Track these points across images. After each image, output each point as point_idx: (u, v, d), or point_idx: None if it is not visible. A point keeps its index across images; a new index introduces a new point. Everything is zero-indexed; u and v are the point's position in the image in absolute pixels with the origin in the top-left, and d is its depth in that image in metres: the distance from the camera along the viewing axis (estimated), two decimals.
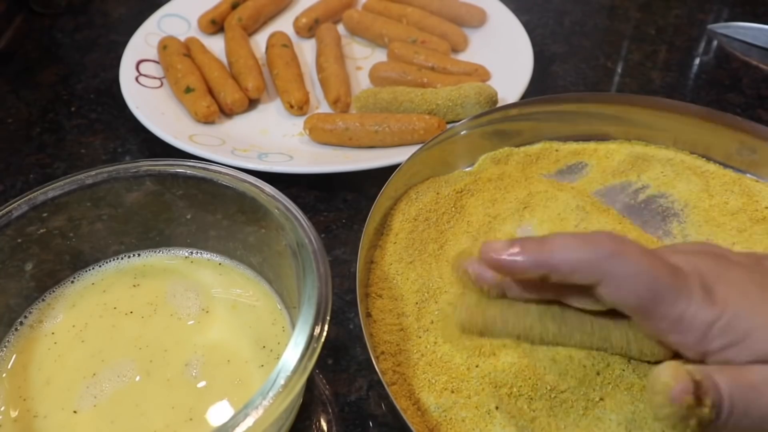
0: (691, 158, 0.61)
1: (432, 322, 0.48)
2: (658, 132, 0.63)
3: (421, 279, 0.51)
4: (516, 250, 0.36)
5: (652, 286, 0.35)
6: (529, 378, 0.43)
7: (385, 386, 0.42)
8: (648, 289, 0.35)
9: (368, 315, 0.49)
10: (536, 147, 0.63)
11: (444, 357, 0.45)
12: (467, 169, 0.61)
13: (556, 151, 0.63)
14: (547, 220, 0.56)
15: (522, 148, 0.63)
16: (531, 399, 0.43)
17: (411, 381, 0.44)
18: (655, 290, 0.35)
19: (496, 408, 0.42)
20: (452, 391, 0.44)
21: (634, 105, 0.62)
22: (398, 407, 0.41)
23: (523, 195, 0.58)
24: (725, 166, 0.61)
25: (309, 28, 0.83)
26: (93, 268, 0.49)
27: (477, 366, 0.44)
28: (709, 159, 0.61)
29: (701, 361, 0.36)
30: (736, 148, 0.60)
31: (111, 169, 0.46)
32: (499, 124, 0.62)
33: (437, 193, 0.57)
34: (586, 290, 0.37)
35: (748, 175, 0.60)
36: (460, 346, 0.45)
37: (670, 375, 0.33)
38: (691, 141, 0.62)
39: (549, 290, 0.38)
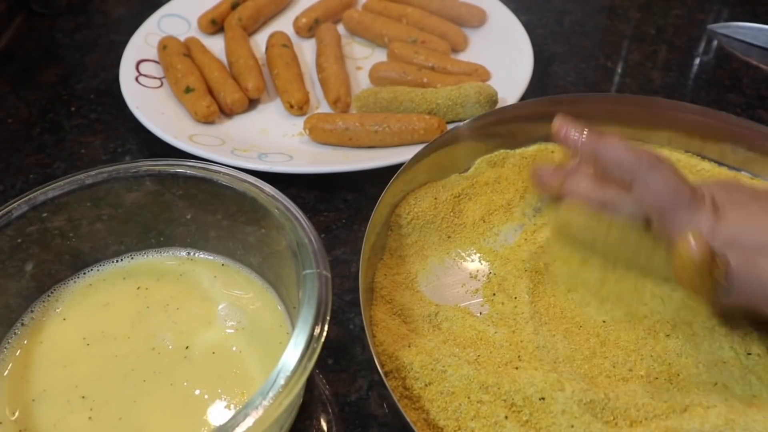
0: (686, 157, 0.62)
1: (440, 319, 0.49)
2: (653, 131, 0.63)
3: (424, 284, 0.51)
4: (581, 131, 0.49)
5: (673, 197, 0.46)
6: (539, 386, 0.43)
7: (394, 399, 0.42)
8: (670, 197, 0.46)
9: (371, 320, 0.49)
10: (532, 149, 0.62)
11: (450, 367, 0.45)
12: (463, 173, 0.61)
13: (552, 152, 0.62)
14: (546, 221, 0.56)
15: (518, 151, 0.62)
16: (539, 408, 0.42)
17: (421, 397, 0.44)
18: (674, 200, 0.46)
19: (506, 418, 0.42)
20: (461, 401, 0.43)
21: (629, 105, 0.62)
22: (408, 420, 0.40)
23: (520, 198, 0.58)
24: (720, 164, 0.61)
25: (309, 28, 0.83)
26: (92, 270, 0.49)
27: (485, 378, 0.44)
28: (703, 158, 0.62)
29: None
30: (730, 146, 0.60)
31: (111, 169, 0.46)
32: (499, 126, 0.62)
33: (435, 199, 0.57)
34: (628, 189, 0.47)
35: (743, 173, 0.61)
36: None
37: (692, 234, 0.43)
38: (686, 140, 0.62)
39: (605, 189, 0.49)
